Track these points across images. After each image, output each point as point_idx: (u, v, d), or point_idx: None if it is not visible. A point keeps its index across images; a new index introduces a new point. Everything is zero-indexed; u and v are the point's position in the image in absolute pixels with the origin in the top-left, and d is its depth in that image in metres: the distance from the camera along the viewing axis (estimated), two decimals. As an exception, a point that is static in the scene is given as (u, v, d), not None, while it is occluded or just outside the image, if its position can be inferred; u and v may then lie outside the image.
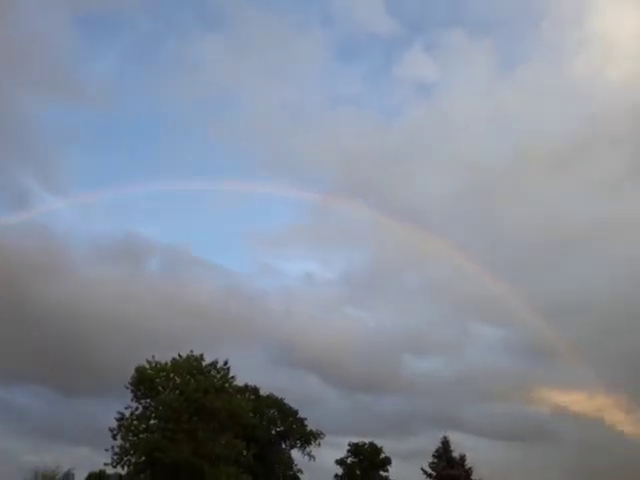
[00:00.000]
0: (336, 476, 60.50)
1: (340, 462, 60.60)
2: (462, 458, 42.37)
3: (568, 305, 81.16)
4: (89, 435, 57.83)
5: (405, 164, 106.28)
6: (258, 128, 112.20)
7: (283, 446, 55.25)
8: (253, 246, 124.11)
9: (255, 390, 53.25)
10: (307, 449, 55.19)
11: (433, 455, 42.73)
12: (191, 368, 39.21)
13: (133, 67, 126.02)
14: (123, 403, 38.60)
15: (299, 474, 54.83)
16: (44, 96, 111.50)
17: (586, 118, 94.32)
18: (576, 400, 73.71)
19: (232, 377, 40.81)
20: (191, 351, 40.16)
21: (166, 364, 39.20)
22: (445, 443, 42.69)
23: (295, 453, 55.46)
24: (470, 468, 41.99)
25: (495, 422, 73.41)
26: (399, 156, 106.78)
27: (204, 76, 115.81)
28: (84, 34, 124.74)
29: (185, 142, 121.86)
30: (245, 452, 41.80)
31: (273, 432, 54.15)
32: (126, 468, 37.28)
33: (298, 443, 55.18)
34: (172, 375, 38.99)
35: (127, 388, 38.48)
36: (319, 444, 55.65)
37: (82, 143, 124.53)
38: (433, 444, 43.40)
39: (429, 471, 42.51)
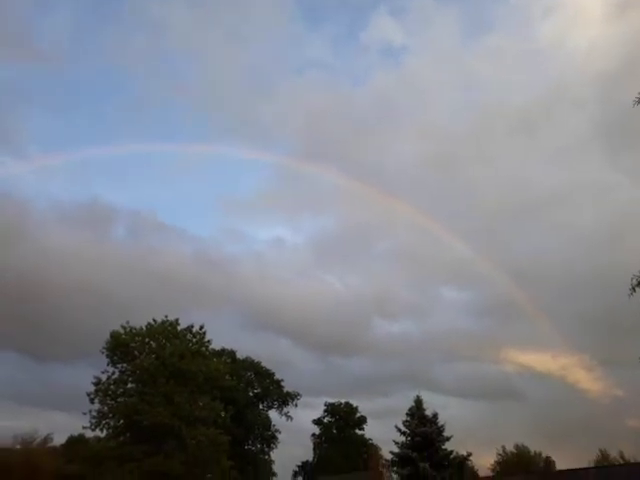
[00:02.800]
0: (313, 435, 62.09)
1: (317, 422, 62.13)
2: (434, 416, 43.26)
3: (533, 267, 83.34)
4: (64, 400, 58.26)
5: (372, 129, 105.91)
6: (222, 90, 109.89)
7: (261, 407, 56.31)
8: (221, 211, 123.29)
9: (232, 353, 53.88)
10: (284, 410, 56.41)
11: (406, 414, 43.53)
12: (166, 333, 39.34)
13: (90, 23, 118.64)
14: (98, 368, 38.69)
15: (277, 434, 56.14)
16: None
17: (551, 83, 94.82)
18: (540, 360, 76.00)
19: (208, 341, 41.09)
20: (166, 316, 40.27)
21: (141, 329, 39.24)
22: (418, 402, 43.51)
23: (273, 414, 56.69)
24: (442, 425, 43.06)
25: (463, 381, 75.91)
26: (366, 121, 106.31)
27: (165, 35, 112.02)
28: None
29: (147, 104, 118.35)
30: (223, 414, 42.40)
31: (250, 394, 55.13)
32: (105, 431, 37.54)
33: (275, 404, 56.29)
34: (147, 340, 39.13)
35: (102, 353, 38.56)
36: (296, 405, 56.95)
37: (40, 104, 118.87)
38: (404, 403, 44.26)
39: (403, 429, 43.49)
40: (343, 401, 62.72)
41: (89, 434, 41.17)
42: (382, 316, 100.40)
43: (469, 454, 42.91)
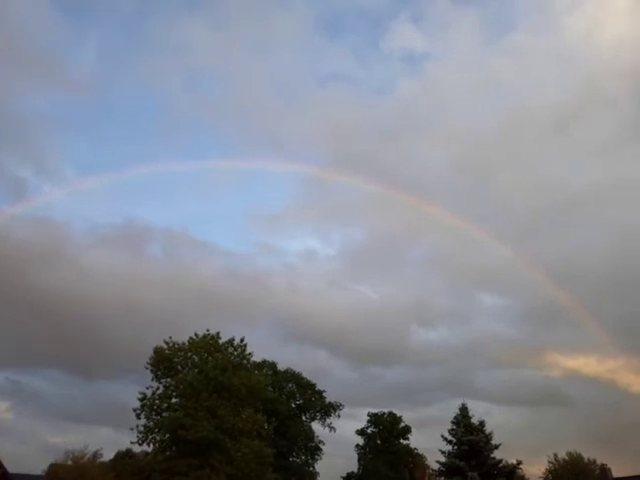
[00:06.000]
0: (357, 446, 61.38)
1: (361, 432, 61.37)
2: (481, 424, 42.42)
3: (573, 268, 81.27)
4: (111, 416, 59.57)
5: (399, 137, 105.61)
6: (248, 107, 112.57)
7: (303, 419, 56.06)
8: (252, 225, 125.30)
9: (273, 365, 53.89)
10: (327, 421, 56.03)
11: (452, 422, 42.84)
12: (208, 347, 39.68)
13: (119, 50, 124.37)
14: (143, 384, 39.25)
15: (321, 445, 55.75)
16: (31, 84, 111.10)
17: (580, 81, 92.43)
18: (587, 363, 73.65)
19: (249, 353, 41.29)
20: (207, 330, 40.65)
21: (183, 344, 39.70)
22: (463, 409, 42.75)
23: (315, 425, 56.36)
24: (490, 433, 42.13)
25: (507, 388, 74.33)
26: (393, 129, 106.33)
27: (190, 56, 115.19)
28: (67, 18, 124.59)
29: (176, 124, 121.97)
30: (266, 426, 42.35)
31: (293, 405, 54.95)
32: (152, 446, 37.96)
33: (318, 415, 55.95)
34: (190, 354, 39.53)
35: (147, 369, 39.10)
36: (339, 415, 56.48)
37: (74, 130, 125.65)
38: (446, 412, 43.83)
39: (449, 437, 42.68)
40: (386, 411, 61.97)
41: (136, 449, 41.84)
42: (420, 324, 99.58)
43: (519, 462, 41.79)
